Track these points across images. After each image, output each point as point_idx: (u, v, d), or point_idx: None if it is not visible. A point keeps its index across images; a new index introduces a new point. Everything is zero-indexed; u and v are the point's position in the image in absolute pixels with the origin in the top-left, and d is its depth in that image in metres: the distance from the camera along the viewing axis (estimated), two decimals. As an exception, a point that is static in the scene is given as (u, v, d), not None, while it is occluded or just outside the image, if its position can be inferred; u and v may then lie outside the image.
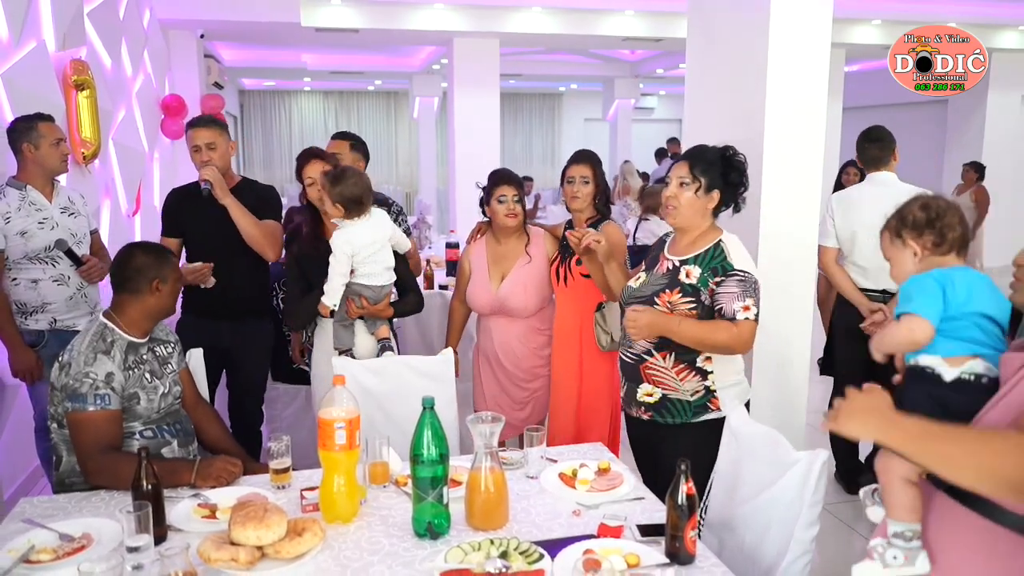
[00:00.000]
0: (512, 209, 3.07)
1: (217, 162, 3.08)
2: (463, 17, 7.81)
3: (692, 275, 2.34)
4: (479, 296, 3.15)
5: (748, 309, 2.27)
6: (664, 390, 2.40)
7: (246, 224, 3.05)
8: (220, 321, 3.14)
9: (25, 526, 1.87)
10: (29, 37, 3.96)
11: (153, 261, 2.31)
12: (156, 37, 6.91)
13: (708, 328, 2.29)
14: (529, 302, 3.09)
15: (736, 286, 2.28)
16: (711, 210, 2.37)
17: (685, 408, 2.39)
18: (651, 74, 12.57)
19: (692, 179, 2.34)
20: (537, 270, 3.11)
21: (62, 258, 3.11)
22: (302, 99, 16.12)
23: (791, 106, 3.02)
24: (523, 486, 2.11)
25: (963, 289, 1.46)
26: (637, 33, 8.40)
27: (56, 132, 3.14)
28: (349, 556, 1.76)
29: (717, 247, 2.35)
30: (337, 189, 2.73)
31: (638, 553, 1.71)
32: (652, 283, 2.42)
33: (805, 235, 3.15)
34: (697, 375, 2.37)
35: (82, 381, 2.15)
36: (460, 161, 8.44)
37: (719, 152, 2.38)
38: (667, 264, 2.42)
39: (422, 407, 1.83)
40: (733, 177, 2.36)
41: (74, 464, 2.21)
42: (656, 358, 2.38)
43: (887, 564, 1.40)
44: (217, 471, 2.10)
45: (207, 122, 3.15)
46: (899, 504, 1.41)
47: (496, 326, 3.18)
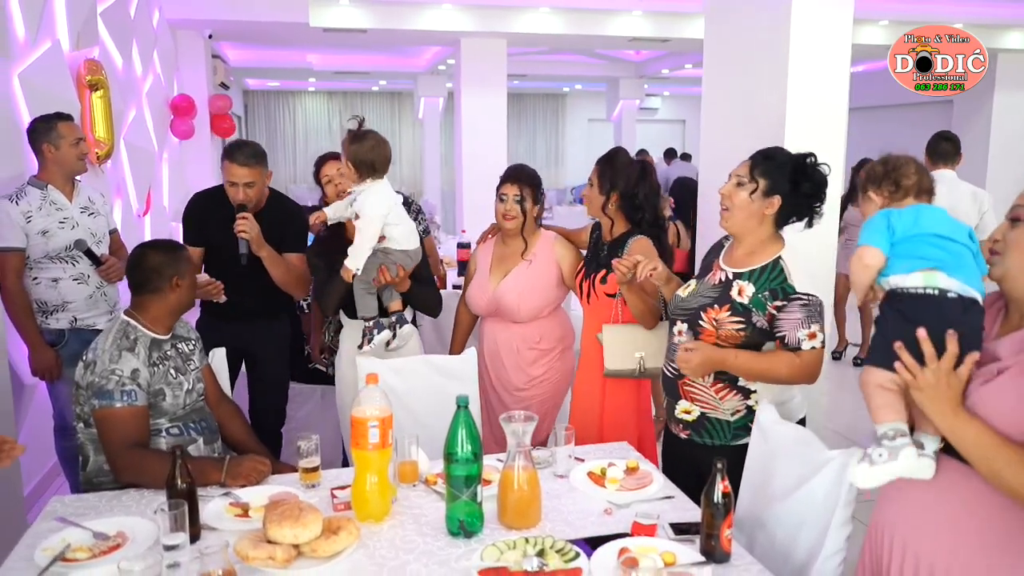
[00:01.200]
0: (508, 209, 2.87)
1: (253, 198, 2.98)
2: (471, 17, 7.81)
3: (745, 293, 2.13)
4: (477, 296, 3.01)
5: (814, 336, 2.08)
6: (703, 408, 2.24)
7: (278, 272, 2.99)
8: (238, 321, 3.12)
9: (58, 524, 1.87)
10: (45, 37, 3.96)
11: (169, 258, 2.32)
12: (165, 37, 6.92)
13: (768, 361, 2.12)
14: (522, 306, 2.90)
15: (800, 311, 2.08)
16: (770, 217, 2.15)
17: (724, 429, 2.22)
18: (656, 74, 12.58)
19: (750, 179, 2.14)
20: (537, 274, 2.91)
21: (82, 257, 3.11)
22: (306, 99, 16.13)
23: (811, 107, 3.01)
24: (552, 485, 2.11)
25: (909, 216, 1.60)
26: (644, 33, 8.40)
27: (76, 132, 3.14)
28: (384, 555, 1.76)
29: (776, 265, 2.13)
30: (354, 148, 2.64)
31: (674, 551, 1.71)
32: (701, 294, 2.23)
33: (824, 237, 3.14)
34: (738, 394, 2.20)
35: (108, 378, 2.15)
36: (467, 162, 8.44)
37: (794, 157, 2.16)
38: (720, 275, 2.22)
39: (456, 406, 1.83)
40: (806, 187, 2.13)
41: (101, 464, 2.22)
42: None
43: (873, 462, 1.48)
44: (247, 470, 2.10)
45: (248, 158, 2.96)
46: (877, 406, 1.52)
47: (489, 329, 3.03)
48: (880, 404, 1.52)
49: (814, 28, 2.97)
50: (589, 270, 2.82)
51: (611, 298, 2.70)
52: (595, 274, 2.76)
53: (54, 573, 1.65)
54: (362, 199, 2.67)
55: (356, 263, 2.68)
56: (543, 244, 2.96)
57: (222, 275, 2.91)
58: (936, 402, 1.43)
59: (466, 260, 4.94)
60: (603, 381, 2.75)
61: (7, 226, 2.93)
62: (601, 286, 2.73)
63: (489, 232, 3.13)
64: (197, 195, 3.26)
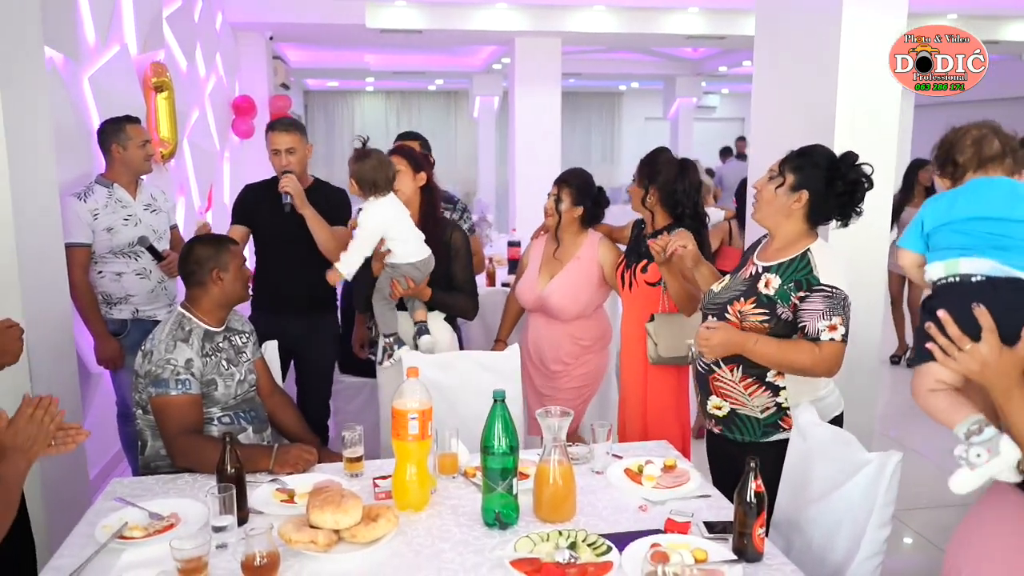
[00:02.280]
0: (546, 207, 3.06)
1: (295, 167, 3.13)
2: (525, 17, 7.85)
3: (771, 285, 2.15)
4: (525, 292, 3.17)
5: (835, 328, 2.08)
6: (732, 404, 2.25)
7: (322, 236, 3.09)
8: (287, 315, 3.21)
9: (117, 504, 1.98)
10: (113, 41, 4.14)
11: (212, 252, 2.40)
12: (227, 40, 7.14)
13: (788, 348, 2.10)
14: (568, 304, 3.06)
15: (822, 302, 2.08)
16: (798, 212, 2.16)
17: (754, 426, 2.23)
18: (714, 72, 12.43)
19: (779, 173, 2.17)
20: (581, 273, 3.06)
21: (144, 253, 3.25)
22: (364, 99, 16.41)
23: (863, 105, 2.96)
24: (589, 480, 2.13)
25: (943, 204, 1.60)
26: (701, 31, 8.31)
27: (143, 134, 3.29)
28: (421, 542, 1.81)
29: (803, 257, 2.14)
30: (355, 167, 2.75)
31: (706, 549, 1.72)
32: (731, 288, 2.26)
33: (875, 237, 3.09)
34: (767, 390, 2.20)
35: (164, 367, 2.26)
36: (520, 160, 8.49)
37: (832, 155, 2.16)
38: (752, 269, 2.24)
39: (493, 400, 1.87)
40: (839, 186, 2.12)
41: (159, 448, 2.33)
42: (723, 371, 2.23)
43: (974, 465, 1.43)
44: (294, 458, 2.18)
45: (288, 126, 3.19)
46: (942, 410, 1.51)
47: (534, 324, 3.19)
48: (943, 407, 1.50)
49: (866, 24, 2.91)
50: (630, 260, 2.98)
51: (652, 287, 2.85)
52: (636, 264, 2.92)
53: (112, 549, 1.75)
54: (363, 212, 2.80)
55: (344, 268, 2.77)
56: (588, 245, 3.10)
57: (271, 265, 3.02)
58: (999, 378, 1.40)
59: (515, 259, 5.01)
60: (646, 368, 2.91)
61: (75, 223, 3.08)
62: (642, 275, 2.89)
63: (541, 229, 3.29)
64: (249, 185, 3.41)
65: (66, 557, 1.75)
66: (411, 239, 2.82)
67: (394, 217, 2.78)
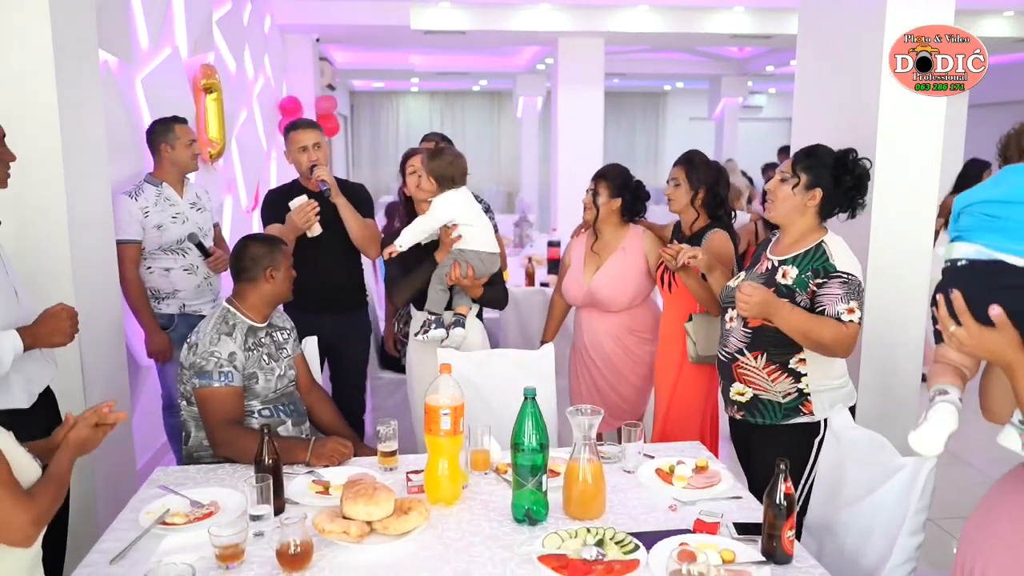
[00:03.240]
0: (585, 202, 3.13)
1: (322, 159, 3.23)
2: (568, 17, 7.85)
3: (789, 275, 2.28)
4: (572, 287, 3.21)
5: (852, 312, 2.19)
6: (755, 390, 2.35)
7: (355, 224, 3.18)
8: (321, 314, 3.27)
9: (160, 492, 2.05)
10: (164, 44, 4.27)
11: (266, 251, 2.47)
12: (275, 41, 7.28)
13: (816, 322, 2.19)
14: (617, 295, 3.10)
15: (839, 287, 2.20)
16: (812, 208, 2.31)
17: (775, 409, 2.33)
18: (760, 71, 12.25)
19: (792, 174, 2.31)
20: (628, 265, 3.11)
21: (191, 249, 3.34)
22: (409, 100, 16.55)
23: (907, 104, 2.91)
24: (620, 479, 2.14)
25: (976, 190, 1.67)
26: (746, 30, 8.21)
27: (190, 134, 3.39)
28: (451, 536, 1.84)
29: (819, 248, 2.28)
30: (434, 164, 2.89)
31: (734, 550, 1.72)
32: (750, 280, 2.35)
33: (919, 239, 3.02)
34: (789, 376, 2.30)
35: (208, 359, 2.33)
36: (563, 160, 8.49)
37: (835, 153, 2.32)
38: (767, 264, 2.37)
39: (524, 397, 1.89)
40: (847, 181, 2.28)
41: (202, 439, 2.40)
42: (748, 358, 2.34)
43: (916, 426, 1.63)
44: (330, 451, 2.24)
45: (310, 124, 3.31)
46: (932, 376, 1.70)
47: (588, 320, 3.21)
48: (933, 374, 1.69)
49: (911, 22, 2.86)
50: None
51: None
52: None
53: (154, 534, 1.82)
54: (435, 201, 2.91)
55: (402, 242, 2.90)
56: (632, 237, 3.15)
57: (301, 264, 3.07)
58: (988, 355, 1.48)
59: (556, 259, 5.03)
60: (680, 367, 2.96)
61: (126, 220, 3.19)
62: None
63: (581, 226, 3.33)
64: (272, 190, 3.49)
65: (110, 541, 1.82)
66: (482, 228, 2.96)
67: (464, 206, 2.93)
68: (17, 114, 2.41)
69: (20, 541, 1.50)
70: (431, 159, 2.91)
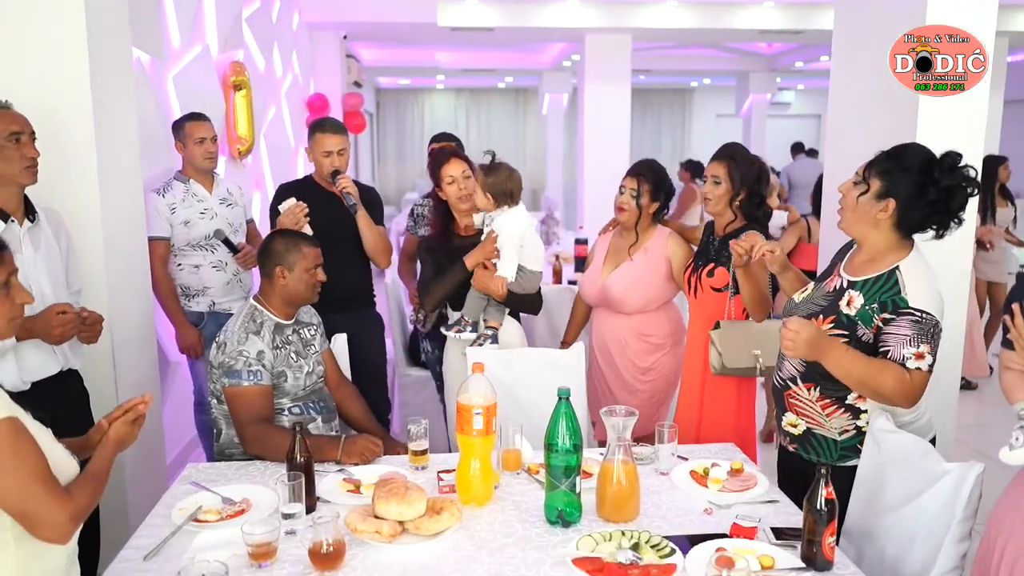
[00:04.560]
0: (622, 201, 2.95)
1: (344, 165, 3.17)
2: (596, 13, 7.80)
3: (854, 304, 1.97)
4: (588, 285, 3.11)
5: (922, 357, 1.87)
6: (808, 423, 2.11)
7: (370, 236, 3.16)
8: (335, 313, 3.23)
9: (192, 488, 2.05)
10: (195, 41, 4.29)
11: (282, 249, 2.45)
12: (303, 39, 7.31)
13: (875, 368, 1.90)
14: (628, 296, 2.96)
15: (909, 327, 1.89)
16: (886, 223, 1.97)
17: (831, 447, 2.08)
18: (789, 68, 12.12)
19: (863, 179, 1.98)
20: (648, 267, 2.96)
21: (220, 245, 3.35)
22: (434, 97, 16.58)
23: (948, 102, 2.84)
24: (654, 481, 2.11)
25: None
26: (775, 26, 8.13)
27: (200, 131, 3.31)
28: (484, 537, 1.82)
29: (891, 276, 1.95)
30: (491, 180, 2.81)
31: (773, 555, 1.68)
32: (813, 301, 2.10)
33: (960, 243, 2.95)
34: (846, 412, 2.04)
35: (236, 359, 2.32)
36: (589, 158, 8.45)
37: (925, 156, 1.94)
38: (836, 282, 2.07)
39: (558, 397, 1.87)
40: (932, 194, 1.91)
41: (232, 437, 2.40)
42: (800, 388, 2.09)
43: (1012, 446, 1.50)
44: (360, 449, 2.23)
45: (337, 128, 3.22)
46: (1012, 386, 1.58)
47: (599, 320, 3.11)
48: (1010, 385, 1.58)
49: (953, 14, 2.79)
50: (697, 264, 2.85)
51: (717, 292, 2.72)
52: (703, 268, 2.79)
53: (187, 531, 1.82)
54: (500, 220, 2.84)
55: (508, 273, 2.85)
56: (657, 239, 3.00)
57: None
58: None
59: (583, 256, 5.00)
60: (704, 378, 2.79)
61: (154, 217, 3.20)
62: (708, 279, 2.76)
63: (610, 224, 3.20)
64: (283, 185, 3.37)
65: (144, 537, 1.82)
66: (536, 247, 2.94)
67: (528, 224, 2.89)
68: (52, 112, 2.43)
69: (57, 538, 1.50)
70: (487, 175, 2.82)
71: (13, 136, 2.14)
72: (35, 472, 1.46)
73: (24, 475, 1.44)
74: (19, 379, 2.19)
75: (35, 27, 2.46)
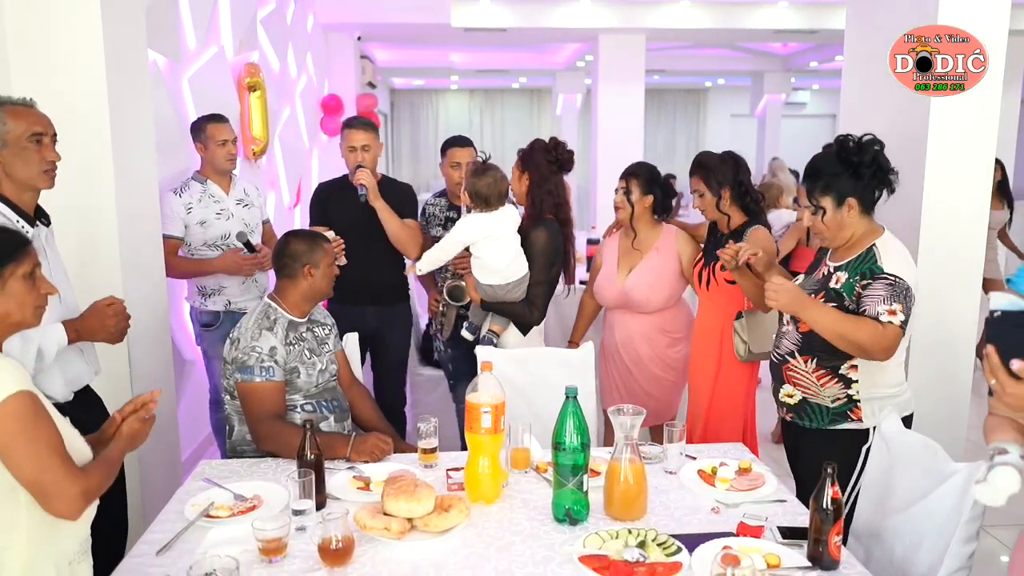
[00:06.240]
0: (616, 201, 3.09)
1: (369, 163, 3.24)
2: (610, 13, 7.81)
3: (840, 280, 2.21)
4: (605, 289, 3.17)
5: (894, 314, 2.08)
6: (804, 393, 2.30)
7: (393, 227, 3.20)
8: (364, 306, 3.32)
9: (205, 485, 2.08)
10: (211, 43, 4.33)
11: (306, 248, 2.48)
12: (318, 40, 7.35)
13: (851, 321, 2.11)
14: (652, 296, 3.06)
15: (883, 288, 2.11)
16: (854, 215, 2.21)
17: (823, 413, 2.27)
18: (804, 67, 12.06)
19: (817, 206, 2.23)
20: (663, 265, 3.07)
21: (235, 245, 3.38)
22: (448, 97, 16.60)
23: (960, 100, 2.83)
24: (661, 480, 2.12)
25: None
26: (790, 25, 8.10)
27: (222, 133, 3.35)
28: (492, 534, 1.84)
29: (869, 252, 2.20)
30: (472, 180, 2.89)
31: (779, 554, 1.69)
32: (805, 286, 2.32)
33: (972, 240, 2.94)
34: (840, 382, 2.24)
35: (249, 354, 2.35)
36: (602, 158, 8.45)
37: (837, 155, 2.22)
38: (824, 270, 2.31)
39: (565, 396, 1.88)
40: (867, 173, 2.19)
41: (245, 433, 2.43)
42: (798, 361, 2.28)
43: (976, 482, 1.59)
44: (370, 447, 2.25)
45: (364, 125, 3.32)
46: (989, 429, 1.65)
47: (620, 321, 3.17)
48: (989, 427, 1.63)
49: (964, 14, 2.78)
50: (708, 259, 2.96)
51: (731, 284, 2.82)
52: (715, 262, 2.88)
53: (199, 526, 1.85)
54: (463, 219, 2.94)
55: (422, 264, 2.99)
56: (667, 237, 3.11)
57: (346, 257, 3.10)
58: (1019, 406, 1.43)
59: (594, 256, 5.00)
60: (717, 368, 2.93)
61: (169, 216, 3.24)
62: (722, 272, 2.85)
63: (613, 227, 3.30)
64: (322, 184, 3.54)
65: (157, 532, 1.85)
66: (492, 260, 2.92)
67: (484, 234, 2.90)
68: (69, 113, 2.46)
69: (68, 512, 1.52)
70: (473, 175, 2.89)
71: (35, 137, 2.04)
72: (51, 445, 1.49)
73: (42, 446, 1.47)
74: (67, 390, 2.14)
75: (52, 29, 2.50)
